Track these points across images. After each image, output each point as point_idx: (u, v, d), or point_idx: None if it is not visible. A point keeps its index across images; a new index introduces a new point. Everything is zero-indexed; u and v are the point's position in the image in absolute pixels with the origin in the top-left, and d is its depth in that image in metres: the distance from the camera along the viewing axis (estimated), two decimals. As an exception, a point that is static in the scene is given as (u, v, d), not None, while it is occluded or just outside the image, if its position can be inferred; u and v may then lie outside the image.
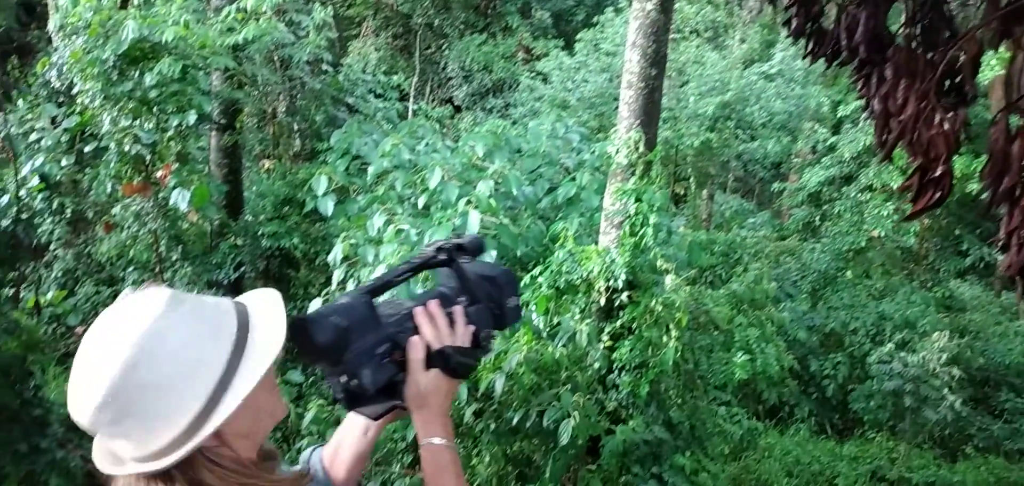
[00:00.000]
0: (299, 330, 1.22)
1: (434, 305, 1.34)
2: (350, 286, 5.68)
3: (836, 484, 7.05)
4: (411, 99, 14.38)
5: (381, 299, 1.40)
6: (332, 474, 1.40)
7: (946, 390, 7.78)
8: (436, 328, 1.32)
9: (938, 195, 1.43)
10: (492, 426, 4.36)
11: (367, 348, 1.27)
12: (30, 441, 2.75)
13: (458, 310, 1.36)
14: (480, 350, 1.40)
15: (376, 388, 1.29)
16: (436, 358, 1.31)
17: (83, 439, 3.60)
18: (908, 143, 1.56)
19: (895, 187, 11.05)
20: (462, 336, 1.34)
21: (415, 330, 1.32)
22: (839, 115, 13.36)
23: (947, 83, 1.56)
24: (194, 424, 1.00)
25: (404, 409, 1.33)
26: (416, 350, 1.30)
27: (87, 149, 7.41)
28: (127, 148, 6.80)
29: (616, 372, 4.71)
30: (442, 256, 1.43)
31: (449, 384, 1.32)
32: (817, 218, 13.13)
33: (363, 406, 1.34)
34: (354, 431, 1.42)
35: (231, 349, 1.04)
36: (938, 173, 1.41)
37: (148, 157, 7.04)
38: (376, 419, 1.37)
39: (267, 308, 1.12)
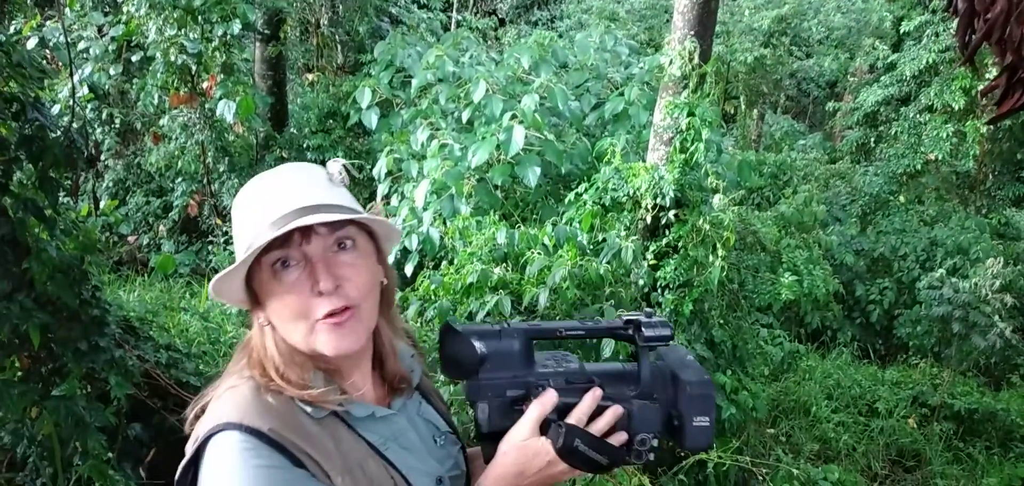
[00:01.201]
0: (442, 334, 1.20)
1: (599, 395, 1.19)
2: (394, 201, 5.70)
3: (876, 408, 6.98)
4: (454, 10, 14.11)
5: (551, 348, 1.27)
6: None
7: (996, 317, 7.59)
8: (587, 407, 1.18)
9: (1028, 95, 1.33)
10: (534, 339, 4.39)
11: (497, 384, 1.18)
12: (89, 339, 2.85)
13: (615, 408, 1.18)
14: (628, 453, 1.20)
15: (489, 429, 1.18)
16: (552, 430, 1.14)
17: (140, 341, 3.73)
18: (997, 41, 1.46)
19: (956, 107, 10.55)
20: (602, 429, 1.17)
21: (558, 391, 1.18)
22: (902, 31, 12.70)
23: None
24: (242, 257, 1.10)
25: None
26: (542, 404, 1.17)
27: (134, 59, 7.47)
28: (173, 58, 6.84)
29: (660, 290, 4.68)
30: (628, 331, 1.24)
31: (549, 460, 1.14)
32: (872, 140, 12.66)
33: (483, 443, 1.23)
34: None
35: (262, 229, 1.08)
36: (1030, 72, 1.31)
37: (194, 67, 7.08)
38: (487, 461, 1.21)
39: (304, 217, 1.07)
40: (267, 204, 1.10)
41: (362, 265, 1.13)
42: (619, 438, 1.19)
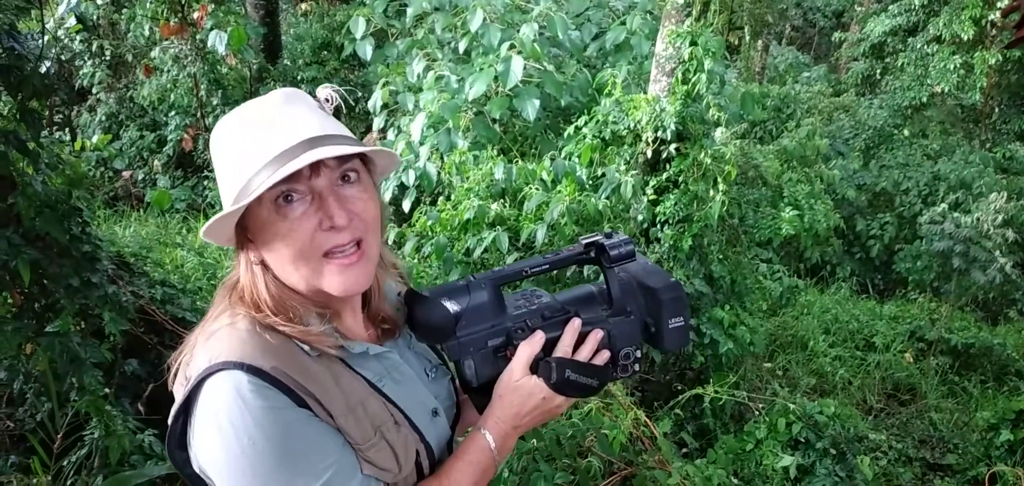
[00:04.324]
0: (410, 301, 1.19)
1: (579, 324, 1.20)
2: (390, 135, 5.60)
3: (873, 342, 7.02)
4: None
5: (519, 288, 1.27)
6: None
7: (997, 252, 7.58)
8: (570, 340, 1.19)
9: (1054, 24, 1.25)
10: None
11: (477, 338, 1.17)
12: (81, 275, 2.81)
13: (595, 333, 1.20)
14: (615, 369, 1.23)
15: (479, 382, 1.18)
16: (543, 367, 1.16)
17: (134, 277, 3.70)
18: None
19: (965, 38, 10.34)
20: (588, 355, 1.19)
21: (533, 330, 1.18)
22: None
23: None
24: (233, 204, 1.03)
25: None
26: (529, 345, 1.17)
27: (122, -12, 7.27)
28: (161, -14, 6.65)
29: (659, 225, 4.63)
30: (591, 254, 1.26)
31: (544, 397, 1.17)
32: (878, 71, 12.44)
33: (472, 394, 1.23)
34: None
35: (263, 164, 1.01)
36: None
37: (183, -4, 6.90)
38: (481, 413, 1.22)
39: (315, 149, 1.01)
40: (264, 136, 1.02)
41: (368, 197, 1.08)
42: (603, 357, 1.21)
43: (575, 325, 1.20)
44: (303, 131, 1.02)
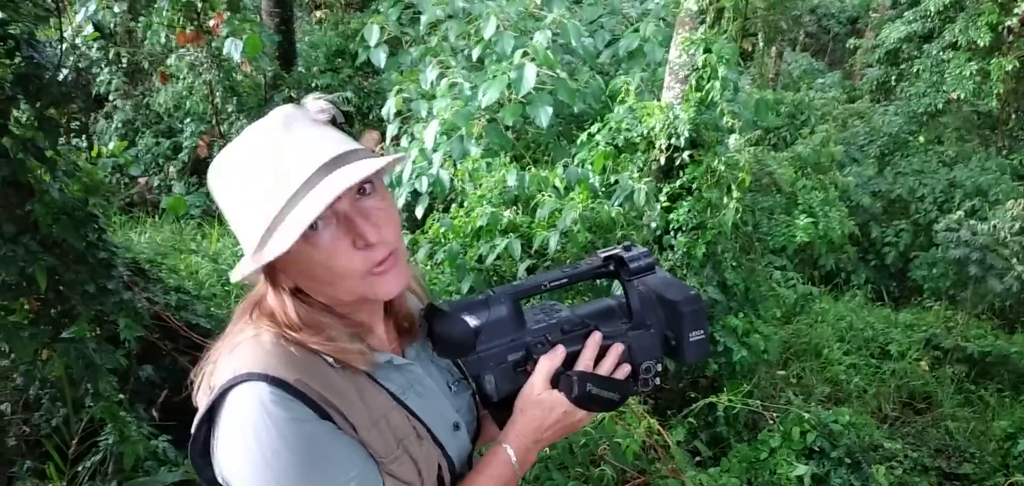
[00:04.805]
0: (428, 316, 1.18)
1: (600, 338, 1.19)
2: (404, 142, 5.61)
3: (888, 350, 6.95)
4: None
5: (537, 301, 1.27)
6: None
7: (1015, 260, 7.49)
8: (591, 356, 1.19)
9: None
10: (545, 282, 4.36)
11: (497, 353, 1.17)
12: (97, 282, 2.83)
13: (616, 347, 1.20)
14: (636, 383, 1.22)
15: (499, 397, 1.18)
16: (564, 382, 1.15)
17: (149, 283, 3.73)
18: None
19: (981, 44, 10.25)
20: (609, 369, 1.19)
21: (553, 345, 1.18)
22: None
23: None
24: (255, 252, 1.01)
25: None
26: (550, 359, 1.17)
27: (139, -4, 7.35)
28: (177, -6, 6.72)
29: (672, 233, 4.61)
30: (610, 267, 1.25)
31: (565, 411, 1.16)
32: (892, 78, 12.34)
33: (492, 409, 1.23)
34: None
35: (284, 201, 0.98)
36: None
37: (199, 4, 6.95)
38: (501, 428, 1.21)
39: (346, 173, 0.98)
40: (275, 170, 0.99)
41: (388, 205, 1.07)
42: (624, 371, 1.20)
43: (596, 339, 1.19)
44: (316, 157, 1.00)
